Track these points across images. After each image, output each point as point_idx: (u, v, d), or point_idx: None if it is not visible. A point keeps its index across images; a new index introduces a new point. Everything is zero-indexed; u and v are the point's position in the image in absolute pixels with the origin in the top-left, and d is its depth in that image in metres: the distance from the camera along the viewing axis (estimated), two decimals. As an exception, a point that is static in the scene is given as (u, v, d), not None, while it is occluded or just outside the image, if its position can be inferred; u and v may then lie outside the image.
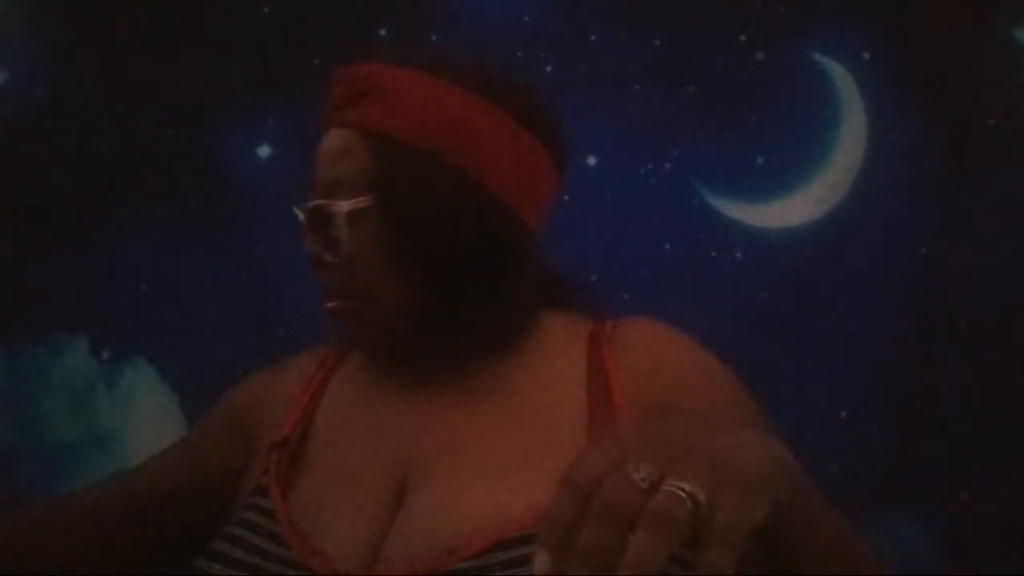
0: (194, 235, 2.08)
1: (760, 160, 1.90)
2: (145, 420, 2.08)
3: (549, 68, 1.94)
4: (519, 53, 1.94)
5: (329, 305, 0.85)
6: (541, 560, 0.45)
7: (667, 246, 1.89)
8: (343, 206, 0.80)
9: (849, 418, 1.82)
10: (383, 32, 2.04)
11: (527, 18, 1.97)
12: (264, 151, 2.10)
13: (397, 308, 0.81)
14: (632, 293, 1.01)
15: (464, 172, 0.79)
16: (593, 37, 1.95)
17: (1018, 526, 1.69)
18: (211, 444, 0.94)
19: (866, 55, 1.88)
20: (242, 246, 2.07)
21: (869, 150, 1.88)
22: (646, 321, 0.85)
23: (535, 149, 0.84)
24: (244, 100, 2.09)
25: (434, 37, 2.01)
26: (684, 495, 0.44)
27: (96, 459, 2.09)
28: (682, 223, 1.90)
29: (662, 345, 0.82)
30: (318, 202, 0.82)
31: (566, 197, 0.97)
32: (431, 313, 0.81)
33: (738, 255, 1.89)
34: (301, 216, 0.84)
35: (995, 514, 1.72)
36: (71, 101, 2.12)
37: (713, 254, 1.89)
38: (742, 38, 1.90)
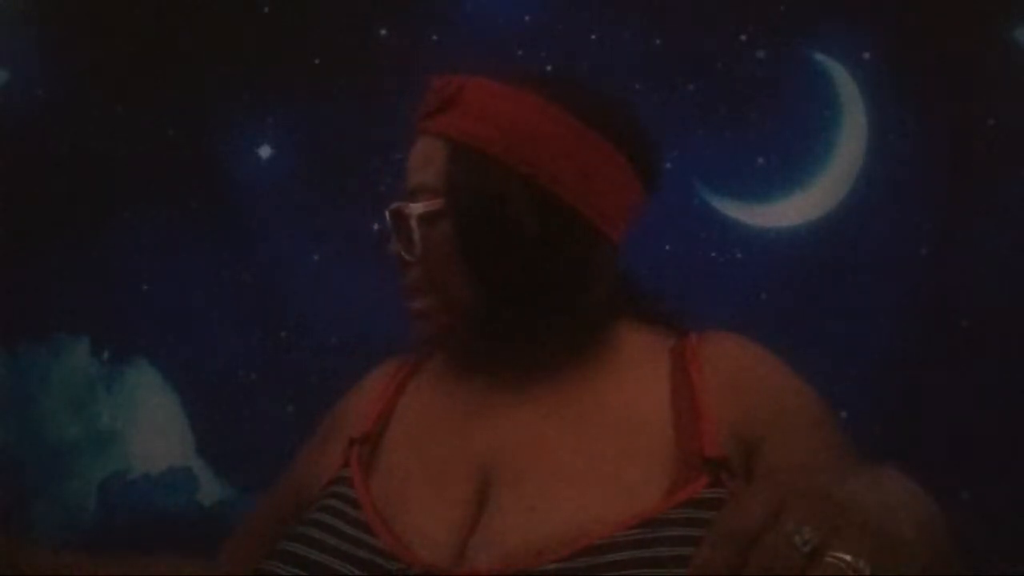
0: (194, 235, 2.08)
1: (760, 160, 1.90)
2: (146, 420, 2.09)
3: (549, 68, 1.94)
4: (519, 53, 1.94)
5: (411, 305, 0.88)
6: None
7: (667, 246, 1.89)
8: (415, 208, 0.84)
9: (849, 418, 1.82)
10: (383, 32, 2.04)
11: (527, 18, 1.97)
12: (264, 151, 2.10)
13: (466, 308, 0.84)
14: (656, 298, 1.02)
15: (532, 178, 0.82)
16: (593, 36, 1.95)
17: (1018, 526, 1.69)
18: (307, 468, 0.96)
19: (866, 55, 1.88)
20: (242, 246, 2.08)
21: (869, 150, 1.88)
22: (730, 335, 0.87)
23: (616, 162, 0.86)
24: (244, 100, 2.09)
25: (434, 37, 2.01)
26: (846, 566, 0.43)
27: (96, 459, 2.09)
28: (682, 223, 1.90)
29: (748, 361, 0.84)
30: (396, 205, 0.86)
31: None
32: (497, 314, 0.83)
33: (738, 255, 1.89)
34: (388, 219, 0.88)
35: (995, 514, 1.72)
36: (71, 101, 2.12)
37: (713, 254, 1.89)
38: (742, 38, 1.90)
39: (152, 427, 2.08)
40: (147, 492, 2.07)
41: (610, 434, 0.78)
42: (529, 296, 0.83)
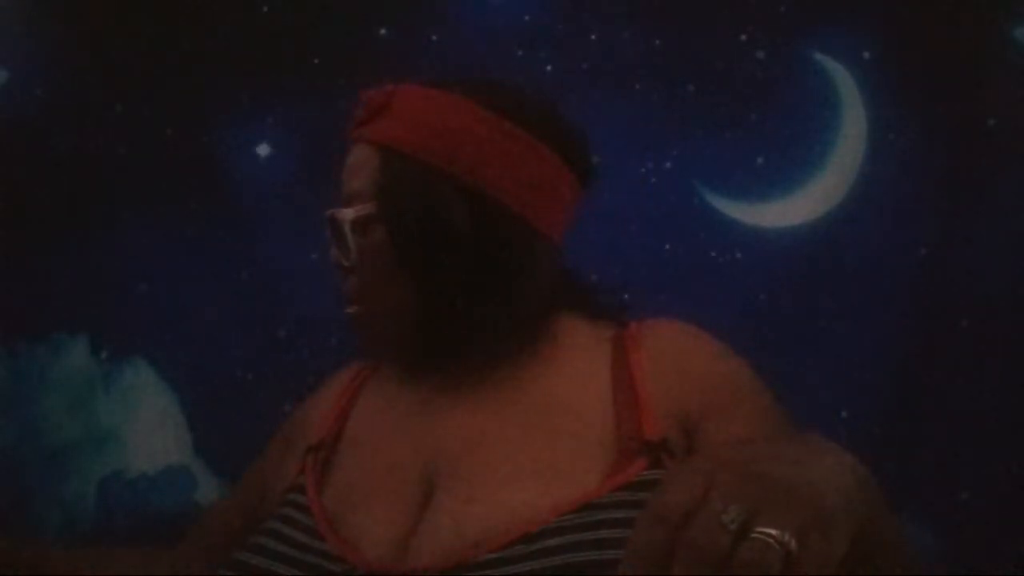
0: (194, 235, 2.08)
1: (760, 160, 1.90)
2: (145, 420, 2.08)
3: (549, 68, 1.94)
4: (519, 53, 1.94)
5: (347, 311, 0.89)
6: None
7: (667, 246, 1.89)
8: (348, 214, 0.87)
9: (849, 418, 1.82)
10: (383, 32, 2.04)
11: (527, 18, 1.97)
12: (264, 151, 2.10)
13: (402, 312, 0.85)
14: (632, 293, 1.01)
15: (464, 180, 0.83)
16: (593, 37, 1.95)
17: (1018, 526, 1.69)
18: (272, 465, 0.98)
19: (866, 55, 1.87)
20: (242, 246, 2.07)
21: (869, 150, 1.88)
22: (670, 322, 0.88)
23: (550, 160, 0.87)
24: (244, 100, 2.09)
25: (434, 37, 2.01)
26: (774, 541, 0.44)
27: (96, 459, 2.09)
28: (682, 223, 1.90)
29: (687, 346, 0.85)
30: (331, 211, 0.90)
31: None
32: (433, 316, 0.84)
33: (738, 255, 1.89)
34: (327, 229, 0.92)
35: (995, 514, 1.72)
36: (71, 101, 2.12)
37: (713, 254, 1.89)
38: (742, 38, 1.90)
39: (150, 426, 2.08)
40: (145, 491, 2.07)
41: (549, 424, 0.79)
42: (466, 298, 0.84)
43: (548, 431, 0.79)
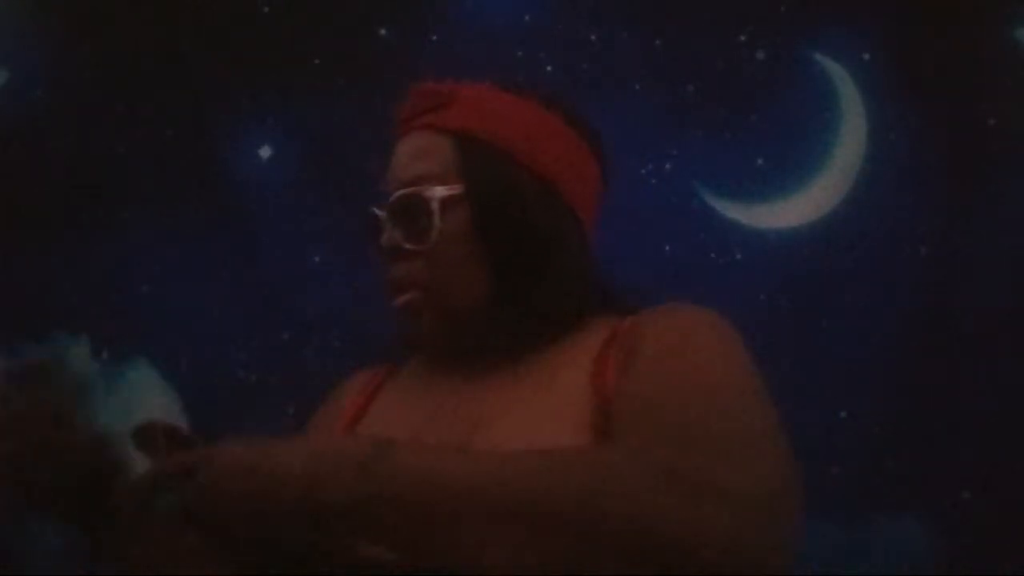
0: (196, 236, 2.08)
1: (760, 160, 1.90)
2: (145, 420, 2.08)
3: (549, 68, 1.94)
4: (519, 53, 1.94)
5: (402, 299, 0.85)
6: None
7: (667, 246, 1.89)
8: (438, 191, 0.83)
9: (849, 418, 1.82)
10: (383, 32, 2.04)
11: (527, 18, 1.97)
12: (265, 151, 2.10)
13: (470, 298, 0.84)
14: (632, 293, 1.01)
15: (532, 170, 0.85)
16: (593, 37, 1.95)
17: (1018, 526, 1.69)
18: None
19: (866, 55, 1.88)
20: (244, 247, 2.08)
21: (869, 150, 1.88)
22: (662, 306, 0.87)
23: (589, 159, 0.89)
24: (244, 100, 2.09)
25: (434, 37, 2.01)
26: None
27: (97, 459, 2.09)
28: (682, 223, 1.90)
29: (655, 325, 0.82)
30: (409, 190, 0.84)
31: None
32: (503, 301, 0.84)
33: (738, 256, 1.89)
34: (381, 211, 0.86)
35: (995, 514, 1.72)
36: (71, 101, 2.12)
37: (713, 255, 1.89)
38: (742, 38, 1.90)
39: (152, 427, 2.08)
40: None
41: (542, 411, 0.80)
42: (532, 281, 0.84)
43: (539, 418, 0.79)
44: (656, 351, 0.77)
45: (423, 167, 0.85)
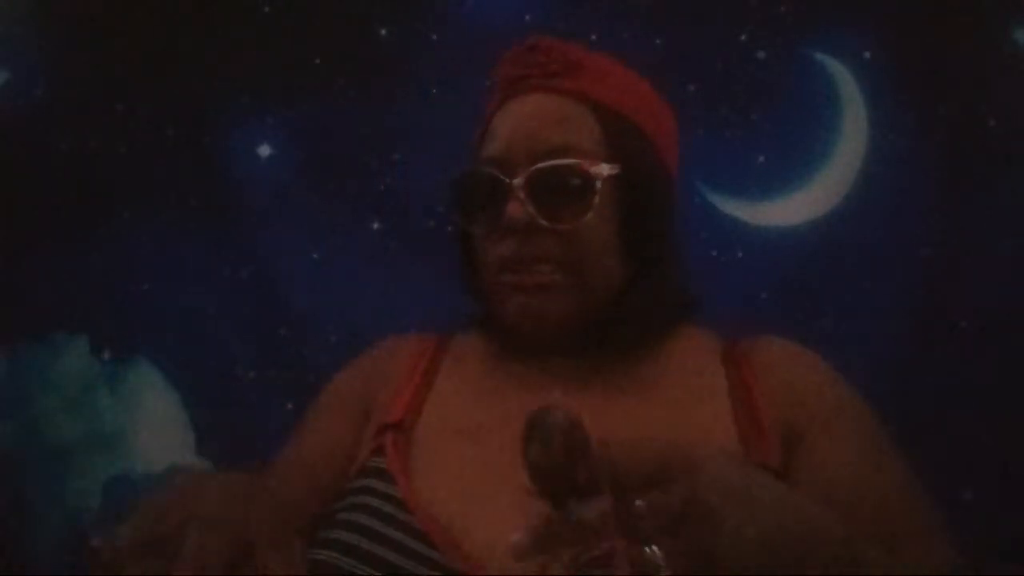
0: (194, 235, 2.08)
1: (761, 159, 1.90)
2: (147, 420, 2.08)
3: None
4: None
5: (536, 279, 0.77)
6: None
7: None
8: (604, 169, 0.76)
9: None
10: (383, 32, 2.04)
11: (527, 18, 1.97)
12: (264, 150, 2.10)
13: (609, 283, 0.79)
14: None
15: (662, 156, 0.82)
16: (593, 37, 1.95)
17: (1018, 526, 1.69)
18: (335, 433, 0.83)
19: (866, 55, 1.88)
20: (242, 245, 2.08)
21: (869, 150, 1.88)
22: (778, 341, 0.86)
23: (678, 141, 0.87)
24: (244, 100, 2.09)
25: (434, 37, 2.01)
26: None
27: (96, 459, 2.09)
28: (684, 221, 1.89)
29: (800, 369, 0.83)
30: (568, 161, 0.76)
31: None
32: (637, 291, 0.79)
33: (739, 254, 1.89)
34: (518, 181, 0.76)
35: (995, 514, 1.72)
36: (71, 101, 2.12)
37: (714, 253, 1.89)
38: (742, 38, 1.90)
39: (153, 426, 2.08)
40: (149, 491, 2.07)
41: (680, 434, 0.74)
42: (665, 280, 0.80)
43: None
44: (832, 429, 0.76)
45: (572, 137, 0.77)
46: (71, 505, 2.08)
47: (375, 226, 2.03)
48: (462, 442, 0.77)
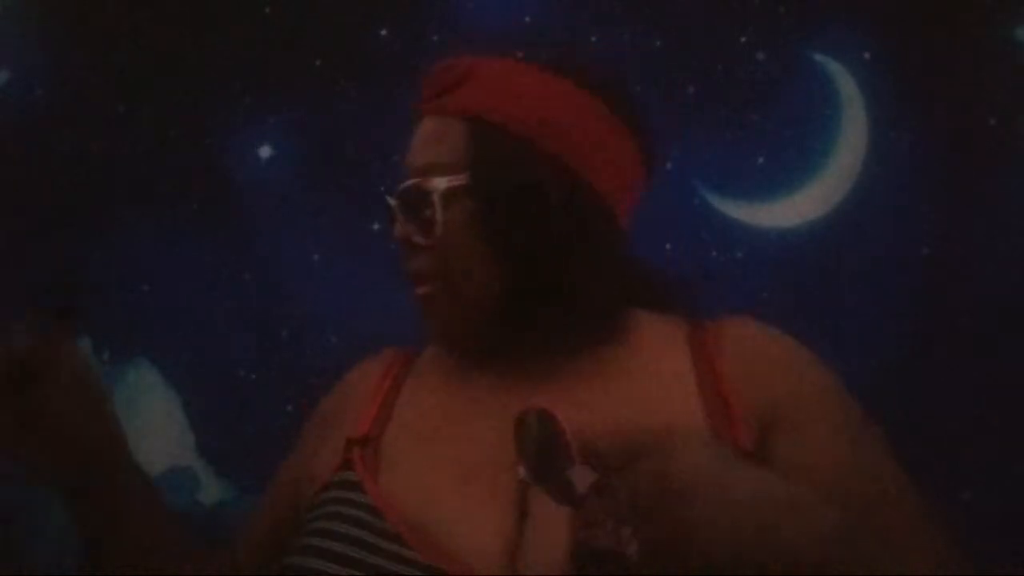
0: (195, 235, 2.08)
1: (761, 160, 1.90)
2: (147, 421, 2.08)
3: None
4: (519, 53, 1.94)
5: (419, 291, 0.81)
6: None
7: (667, 246, 1.89)
8: (439, 183, 0.79)
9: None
10: (383, 32, 2.04)
11: (527, 18, 1.97)
12: (265, 151, 2.10)
13: (484, 292, 0.79)
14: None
15: (559, 158, 0.79)
16: (593, 37, 1.95)
17: (1018, 526, 1.69)
18: (305, 458, 0.87)
19: (866, 55, 1.88)
20: (243, 246, 2.08)
21: (869, 150, 1.88)
22: (748, 321, 0.84)
23: (631, 145, 0.83)
24: (245, 100, 2.09)
25: (434, 37, 2.01)
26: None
27: (97, 459, 2.09)
28: (682, 223, 1.90)
29: (771, 348, 0.82)
30: (413, 181, 0.80)
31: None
32: (517, 297, 0.79)
33: (739, 255, 1.89)
34: (392, 201, 0.81)
35: (995, 514, 1.72)
36: (71, 101, 2.12)
37: (714, 254, 1.89)
38: (742, 38, 1.90)
39: (153, 427, 2.08)
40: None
41: (640, 424, 0.70)
42: (547, 278, 0.79)
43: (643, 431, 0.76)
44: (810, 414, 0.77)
45: (433, 155, 0.81)
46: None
47: (375, 227, 2.03)
48: (428, 446, 0.79)
